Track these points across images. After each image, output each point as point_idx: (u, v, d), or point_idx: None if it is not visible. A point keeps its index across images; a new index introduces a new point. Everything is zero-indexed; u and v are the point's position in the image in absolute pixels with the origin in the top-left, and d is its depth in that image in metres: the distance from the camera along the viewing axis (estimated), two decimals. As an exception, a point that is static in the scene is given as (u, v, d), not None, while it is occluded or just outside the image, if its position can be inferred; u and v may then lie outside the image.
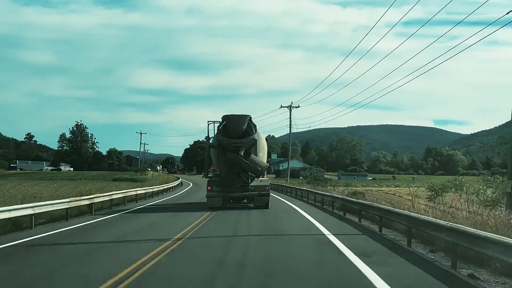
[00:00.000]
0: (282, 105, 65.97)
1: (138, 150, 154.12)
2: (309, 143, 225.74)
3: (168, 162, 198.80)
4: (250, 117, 23.97)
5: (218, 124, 24.64)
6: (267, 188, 24.12)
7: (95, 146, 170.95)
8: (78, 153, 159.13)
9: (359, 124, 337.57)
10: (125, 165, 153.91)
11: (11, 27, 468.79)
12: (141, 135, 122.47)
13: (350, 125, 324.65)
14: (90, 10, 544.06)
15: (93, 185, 35.07)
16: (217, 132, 24.31)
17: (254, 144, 23.55)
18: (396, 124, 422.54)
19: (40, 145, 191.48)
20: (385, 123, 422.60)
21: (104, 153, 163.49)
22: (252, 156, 23.35)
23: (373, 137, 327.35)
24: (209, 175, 25.83)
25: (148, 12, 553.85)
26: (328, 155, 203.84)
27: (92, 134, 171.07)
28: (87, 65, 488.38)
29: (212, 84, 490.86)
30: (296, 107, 65.67)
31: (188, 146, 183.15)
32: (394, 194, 50.96)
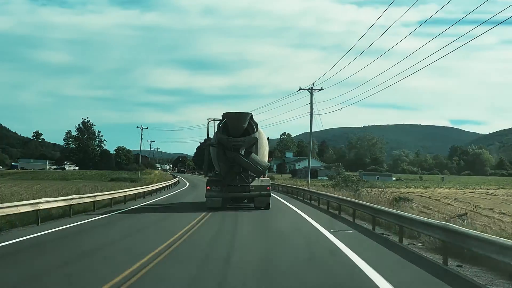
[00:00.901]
0: (302, 88, 52.64)
1: (151, 149, 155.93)
2: (325, 141, 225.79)
3: (178, 161, 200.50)
4: (252, 115, 24.51)
5: (218, 122, 25.39)
6: (268, 188, 24.58)
7: (102, 144, 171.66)
8: (85, 151, 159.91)
9: (375, 124, 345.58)
10: (134, 164, 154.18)
11: (28, 27, 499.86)
12: (141, 130, 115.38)
13: (366, 124, 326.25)
14: (106, 11, 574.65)
15: (83, 185, 33.53)
16: (217, 130, 24.89)
17: (255, 143, 24.10)
18: (413, 123, 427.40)
19: (53, 144, 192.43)
20: (401, 123, 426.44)
21: (112, 151, 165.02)
22: (253, 155, 23.90)
23: (389, 136, 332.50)
24: (208, 174, 26.40)
25: (164, 12, 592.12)
26: (347, 154, 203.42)
27: (100, 132, 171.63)
28: (103, 65, 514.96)
29: (228, 84, 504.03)
30: (319, 89, 51.80)
31: (199, 144, 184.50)
32: (429, 197, 47.23)
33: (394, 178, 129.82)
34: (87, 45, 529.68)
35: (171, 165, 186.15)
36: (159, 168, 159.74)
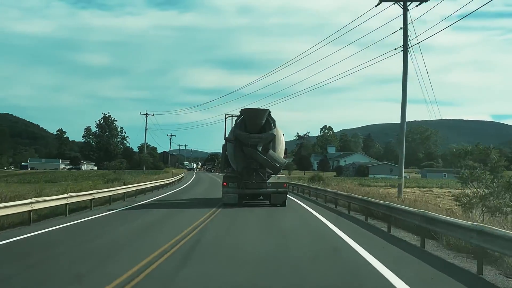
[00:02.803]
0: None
1: (180, 146, 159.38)
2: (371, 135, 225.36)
3: (208, 160, 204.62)
4: (270, 112, 26.67)
5: (236, 118, 27.54)
6: (285, 185, 26.86)
7: (125, 142, 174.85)
8: (106, 149, 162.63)
9: (415, 119, 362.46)
10: (159, 162, 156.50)
11: (69, 31, 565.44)
12: (146, 116, 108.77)
13: (406, 120, 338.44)
14: (144, 12, 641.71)
15: (75, 186, 30.77)
16: (234, 126, 27.23)
17: (272, 139, 26.24)
18: (455, 118, 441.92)
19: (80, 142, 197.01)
20: (443, 118, 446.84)
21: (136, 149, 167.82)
22: (271, 152, 26.02)
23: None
24: (224, 170, 28.83)
25: (201, 12, 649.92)
26: (396, 149, 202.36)
27: (122, 128, 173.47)
28: (142, 66, 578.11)
29: (265, 82, 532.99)
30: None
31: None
32: None
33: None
34: (125, 47, 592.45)
35: (199, 164, 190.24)
36: (187, 167, 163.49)
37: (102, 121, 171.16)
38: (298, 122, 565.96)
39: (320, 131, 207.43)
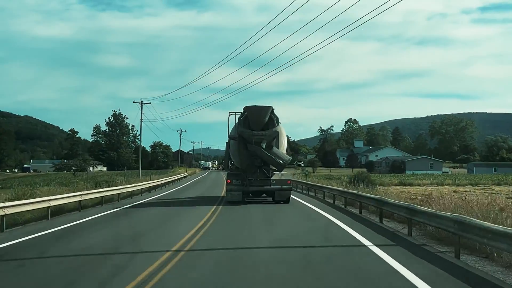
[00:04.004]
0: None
1: (205, 147, 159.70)
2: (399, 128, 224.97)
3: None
4: (273, 109, 28.16)
5: (239, 115, 29.10)
6: (289, 182, 28.51)
7: (137, 140, 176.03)
8: (116, 149, 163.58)
9: (438, 113, 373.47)
10: (173, 162, 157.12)
11: (89, 33, 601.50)
12: (141, 105, 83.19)
13: (429, 114, 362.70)
14: (163, 13, 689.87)
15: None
16: (237, 123, 28.62)
17: (276, 136, 27.75)
18: (479, 111, 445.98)
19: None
20: (467, 111, 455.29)
21: (148, 148, 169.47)
22: (275, 149, 27.52)
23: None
24: (228, 168, 30.64)
25: (219, 11, 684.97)
26: (428, 142, 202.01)
27: (134, 126, 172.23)
28: (161, 67, 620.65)
29: (284, 80, 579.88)
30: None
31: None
32: None
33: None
34: (145, 47, 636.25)
35: (216, 162, 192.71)
36: (202, 166, 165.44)
37: (112, 119, 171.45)
38: (317, 119, 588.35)
39: (345, 125, 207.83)
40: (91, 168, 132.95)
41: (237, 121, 29.19)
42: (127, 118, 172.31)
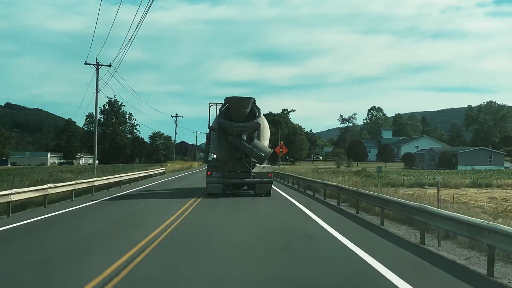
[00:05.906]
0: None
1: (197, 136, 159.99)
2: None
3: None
4: (254, 100, 30.32)
5: (220, 106, 31.24)
6: (270, 175, 30.63)
7: (135, 130, 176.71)
8: (112, 139, 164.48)
9: (453, 107, 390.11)
10: (176, 154, 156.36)
11: (102, 27, 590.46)
12: (97, 68, 69.02)
13: (443, 107, 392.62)
14: (175, 6, 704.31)
15: None
16: (218, 115, 30.72)
17: (257, 128, 29.88)
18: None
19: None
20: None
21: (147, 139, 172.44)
22: (255, 141, 29.49)
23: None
24: (208, 160, 32.82)
25: (232, 5, 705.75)
26: (463, 132, 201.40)
27: (131, 114, 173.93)
28: (174, 61, 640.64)
29: (296, 73, 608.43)
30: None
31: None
32: None
33: None
34: (158, 41, 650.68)
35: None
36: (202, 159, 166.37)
37: (107, 106, 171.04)
38: (331, 112, 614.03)
39: (368, 113, 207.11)
40: (80, 161, 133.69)
41: (218, 112, 31.37)
42: (124, 106, 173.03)
